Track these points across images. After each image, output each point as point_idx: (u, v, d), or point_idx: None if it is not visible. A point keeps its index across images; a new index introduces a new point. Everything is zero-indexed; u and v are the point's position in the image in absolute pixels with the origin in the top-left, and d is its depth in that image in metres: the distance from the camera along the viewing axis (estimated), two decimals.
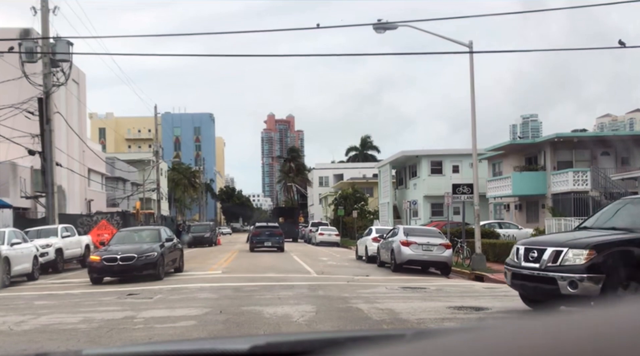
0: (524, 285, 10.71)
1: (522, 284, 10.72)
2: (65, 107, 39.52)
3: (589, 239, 10.04)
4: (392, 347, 1.01)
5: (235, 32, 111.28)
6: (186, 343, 2.19)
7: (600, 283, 9.43)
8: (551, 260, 9.98)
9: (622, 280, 9.50)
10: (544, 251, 10.21)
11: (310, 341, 1.81)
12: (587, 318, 0.90)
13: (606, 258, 9.54)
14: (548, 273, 9.95)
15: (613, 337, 0.80)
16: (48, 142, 27.16)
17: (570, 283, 9.55)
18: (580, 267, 9.56)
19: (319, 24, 18.73)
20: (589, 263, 9.52)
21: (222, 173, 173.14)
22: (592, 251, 9.62)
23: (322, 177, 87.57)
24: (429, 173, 48.19)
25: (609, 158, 37.14)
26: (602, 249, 9.66)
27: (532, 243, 11.05)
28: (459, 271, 22.46)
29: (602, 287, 9.37)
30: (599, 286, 9.40)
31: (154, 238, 20.22)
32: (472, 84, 22.57)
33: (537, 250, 10.40)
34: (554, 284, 9.76)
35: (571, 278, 9.56)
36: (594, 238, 10.12)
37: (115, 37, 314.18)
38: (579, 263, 9.60)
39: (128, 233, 21.54)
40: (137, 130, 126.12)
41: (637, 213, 10.83)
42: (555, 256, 9.95)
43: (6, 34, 27.01)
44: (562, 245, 10.06)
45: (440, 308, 11.83)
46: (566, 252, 9.84)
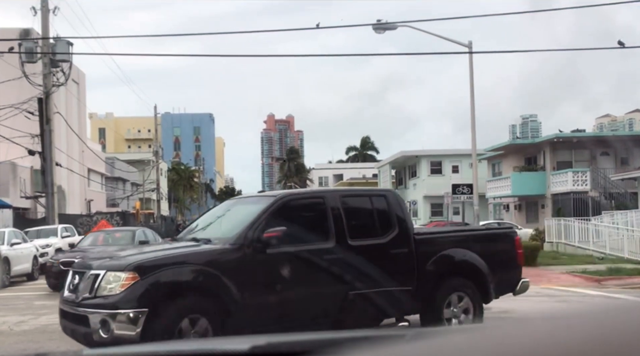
0: (67, 327, 7.36)
1: (66, 326, 7.38)
2: (65, 107, 39.51)
3: (135, 256, 7.29)
4: (392, 347, 1.03)
5: (235, 32, 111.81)
6: (186, 343, 2.19)
7: (140, 324, 6.52)
8: (88, 289, 6.95)
9: (175, 318, 6.69)
10: (84, 274, 7.18)
11: (310, 341, 1.80)
12: (587, 318, 0.90)
13: (149, 285, 6.72)
14: (79, 309, 6.93)
15: (613, 337, 0.80)
16: (48, 142, 27.16)
17: (102, 324, 6.61)
18: (115, 299, 6.65)
19: (318, 24, 18.75)
20: (125, 293, 6.63)
21: (222, 173, 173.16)
22: (133, 274, 6.71)
23: (322, 177, 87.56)
24: (428, 173, 48.18)
25: (609, 158, 37.15)
26: (147, 271, 6.79)
27: (80, 264, 8.05)
28: None
29: (142, 329, 6.49)
30: (137, 329, 6.50)
31: (127, 240, 18.40)
32: (472, 84, 22.60)
33: (79, 273, 7.36)
34: (87, 325, 6.74)
35: (102, 316, 6.63)
36: (142, 255, 7.43)
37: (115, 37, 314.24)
38: (115, 292, 6.69)
39: (100, 234, 19.94)
40: (136, 130, 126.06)
41: (232, 218, 8.34)
42: (93, 281, 6.94)
43: (6, 34, 27.03)
44: (102, 267, 7.08)
45: None
46: (104, 276, 6.86)
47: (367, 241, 8.22)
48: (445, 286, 8.57)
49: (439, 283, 8.48)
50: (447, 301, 8.56)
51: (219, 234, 7.92)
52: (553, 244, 29.09)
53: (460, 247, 8.95)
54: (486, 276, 8.84)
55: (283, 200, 7.96)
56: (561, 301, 13.65)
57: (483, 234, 10.44)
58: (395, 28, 21.23)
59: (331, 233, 7.92)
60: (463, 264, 8.82)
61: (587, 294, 14.68)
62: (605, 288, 16.50)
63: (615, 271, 19.23)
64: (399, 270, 8.30)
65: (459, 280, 8.77)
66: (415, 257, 8.40)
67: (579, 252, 26.58)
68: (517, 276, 9.46)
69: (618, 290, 15.92)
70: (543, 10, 31.80)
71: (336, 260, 7.79)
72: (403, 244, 8.39)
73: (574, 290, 15.65)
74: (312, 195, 9.42)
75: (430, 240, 8.94)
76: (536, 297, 14.38)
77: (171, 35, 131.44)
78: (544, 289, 16.13)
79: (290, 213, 7.93)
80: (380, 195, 8.88)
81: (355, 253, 7.94)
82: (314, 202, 8.43)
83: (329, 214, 8.01)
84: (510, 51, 50.62)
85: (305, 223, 8.11)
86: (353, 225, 8.13)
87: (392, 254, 8.29)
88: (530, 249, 24.03)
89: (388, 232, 8.36)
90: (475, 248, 8.98)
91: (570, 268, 20.97)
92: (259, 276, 7.39)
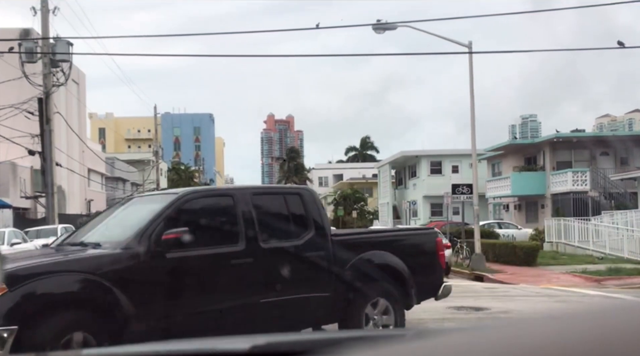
0: None
1: None
2: (65, 107, 39.52)
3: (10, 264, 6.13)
4: (392, 347, 1.01)
5: (235, 33, 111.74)
6: (186, 343, 2.19)
7: (7, 345, 5.48)
8: None
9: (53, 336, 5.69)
10: None
11: (310, 341, 1.81)
12: (587, 317, 0.90)
13: (20, 298, 5.74)
14: None
15: (613, 337, 0.80)
16: (48, 142, 27.15)
17: None
18: None
19: (318, 24, 18.75)
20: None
21: (222, 173, 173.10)
22: None
23: (322, 177, 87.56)
24: (428, 173, 48.19)
25: (608, 158, 37.15)
26: (17, 282, 5.74)
27: None
28: (459, 272, 22.49)
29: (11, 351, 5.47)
30: (1, 351, 5.45)
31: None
32: (472, 84, 22.60)
33: None
34: None
35: None
36: (15, 262, 6.23)
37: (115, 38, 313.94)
38: None
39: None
40: (136, 130, 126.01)
41: (128, 219, 7.41)
42: None
43: (6, 34, 27.05)
44: None
45: (440, 307, 11.82)
46: None
47: (281, 243, 7.61)
48: (365, 292, 7.99)
49: (358, 288, 7.90)
50: (367, 308, 7.99)
51: (110, 237, 7.04)
52: (553, 244, 29.10)
53: (381, 249, 8.37)
54: (407, 280, 8.30)
55: (185, 198, 7.20)
56: (561, 301, 13.63)
57: (404, 235, 9.78)
58: (395, 28, 21.22)
59: (241, 234, 7.21)
60: (384, 268, 8.24)
61: (587, 294, 14.67)
62: (605, 288, 16.51)
63: (615, 271, 19.25)
64: (316, 275, 7.74)
65: (380, 284, 8.17)
66: (333, 261, 7.80)
67: (579, 252, 26.59)
68: (440, 279, 8.98)
69: (618, 290, 15.92)
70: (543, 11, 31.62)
71: (246, 264, 7.14)
72: (320, 247, 7.76)
73: (573, 290, 15.65)
74: (218, 193, 8.59)
75: (349, 242, 8.37)
76: (536, 297, 14.39)
77: (171, 36, 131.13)
78: (544, 289, 16.13)
79: (194, 212, 7.21)
80: (295, 194, 8.15)
81: (267, 256, 7.32)
82: (222, 201, 7.70)
83: (238, 214, 7.31)
84: (510, 51, 50.72)
85: (212, 224, 7.42)
86: (265, 226, 7.45)
87: (308, 257, 7.68)
88: (530, 249, 24.10)
89: (303, 234, 7.72)
90: (396, 250, 8.45)
91: (570, 268, 20.98)
92: (157, 285, 6.60)
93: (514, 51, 69.60)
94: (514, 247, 24.35)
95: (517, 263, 23.14)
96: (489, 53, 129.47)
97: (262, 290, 7.18)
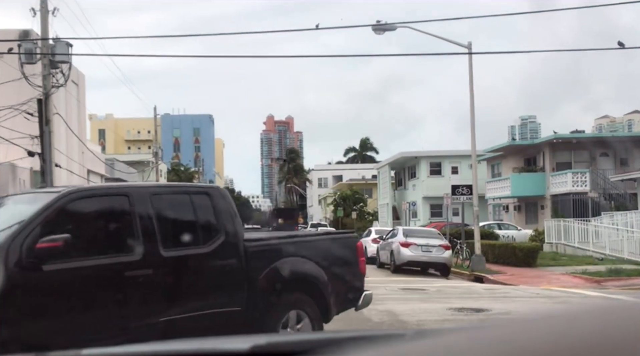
0: None
1: None
2: (65, 108, 39.50)
3: None
4: (392, 347, 1.01)
5: (234, 33, 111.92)
6: (186, 343, 2.19)
7: None
8: None
9: None
10: None
11: (310, 341, 1.81)
12: (587, 317, 0.90)
13: None
14: None
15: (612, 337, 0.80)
16: (47, 144, 27.14)
17: None
18: None
19: (318, 24, 18.74)
20: None
21: (221, 174, 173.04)
22: None
23: (321, 178, 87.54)
24: (428, 174, 48.20)
25: (608, 159, 37.15)
26: None
27: None
28: (459, 273, 22.48)
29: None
30: None
31: None
32: (471, 84, 22.61)
33: None
34: None
35: None
36: None
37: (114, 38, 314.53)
38: None
39: None
40: (136, 131, 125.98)
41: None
42: None
43: (5, 35, 27.02)
44: None
45: (440, 309, 11.83)
46: None
47: (186, 251, 6.65)
48: (282, 304, 7.16)
49: (273, 300, 7.06)
50: (283, 322, 7.14)
51: None
52: (552, 245, 29.11)
53: (298, 255, 7.50)
54: (325, 290, 7.47)
55: (68, 198, 6.10)
56: (562, 302, 13.61)
57: (322, 240, 8.53)
58: (394, 29, 21.23)
59: (137, 241, 6.24)
60: (301, 276, 7.43)
61: (588, 295, 14.66)
62: (605, 289, 16.50)
63: (615, 272, 19.24)
64: (226, 286, 6.86)
65: (297, 295, 7.35)
66: (246, 270, 6.94)
67: (579, 253, 26.59)
68: (360, 288, 8.08)
69: (618, 291, 15.91)
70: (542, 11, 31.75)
71: (143, 277, 6.18)
72: (230, 254, 6.88)
73: (574, 291, 15.64)
74: (110, 192, 7.23)
75: (264, 248, 7.41)
76: (537, 298, 14.37)
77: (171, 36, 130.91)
78: (544, 290, 16.12)
79: (79, 215, 6.27)
80: (203, 193, 7.16)
81: (169, 266, 6.45)
82: (114, 201, 6.59)
83: (134, 216, 6.31)
84: (509, 52, 50.74)
85: (101, 229, 6.50)
86: (167, 231, 6.55)
87: (216, 266, 6.81)
88: (529, 250, 24.10)
89: (212, 239, 6.79)
90: (314, 256, 7.57)
91: (570, 269, 20.98)
92: (31, 303, 5.60)
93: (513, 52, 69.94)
94: (513, 248, 24.34)
95: (517, 264, 23.14)
96: (488, 54, 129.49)
97: (162, 307, 6.26)
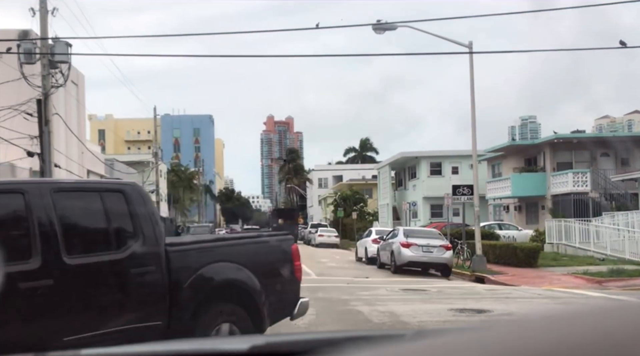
0: None
1: None
2: (65, 108, 39.50)
3: None
4: (392, 347, 1.00)
5: (234, 33, 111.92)
6: (186, 343, 2.19)
7: None
8: None
9: None
10: None
11: (310, 341, 1.81)
12: (588, 317, 0.89)
13: None
14: None
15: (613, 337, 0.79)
16: (47, 144, 27.12)
17: None
18: None
19: (318, 23, 18.73)
20: None
21: (221, 174, 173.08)
22: None
23: (321, 178, 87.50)
24: (428, 174, 48.18)
25: (609, 159, 37.12)
26: None
27: None
28: (460, 273, 22.45)
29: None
30: None
31: None
32: (472, 84, 22.58)
33: None
34: None
35: None
36: None
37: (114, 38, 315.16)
38: None
39: None
40: (136, 131, 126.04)
41: None
42: None
43: (5, 35, 27.01)
44: None
45: (441, 310, 11.79)
46: None
47: (95, 257, 5.87)
48: (209, 316, 6.38)
49: (200, 312, 6.32)
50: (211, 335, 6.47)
51: None
52: (553, 245, 29.07)
53: (228, 260, 6.75)
54: (258, 298, 6.74)
55: None
56: (564, 303, 13.54)
57: (254, 243, 7.70)
58: (395, 28, 21.20)
59: (35, 246, 5.45)
60: (232, 284, 6.70)
61: (590, 296, 14.60)
62: (607, 289, 16.44)
63: (617, 272, 19.18)
64: (144, 298, 6.06)
65: (227, 305, 6.61)
66: (168, 278, 6.15)
67: (580, 253, 26.56)
68: (296, 295, 7.35)
69: (620, 291, 15.86)
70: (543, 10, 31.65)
71: (43, 288, 5.40)
72: (149, 260, 6.07)
73: (575, 291, 15.58)
74: (3, 189, 6.03)
75: (188, 254, 6.62)
76: (538, 299, 14.32)
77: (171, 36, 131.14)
78: (546, 291, 16.07)
79: None
80: (116, 191, 6.24)
81: (75, 276, 5.65)
82: (7, 200, 5.70)
83: (31, 217, 5.51)
84: (510, 51, 50.73)
85: None
86: (72, 235, 5.77)
87: (132, 275, 6.00)
88: (531, 250, 24.06)
89: (127, 244, 6.00)
90: (245, 261, 6.83)
91: (572, 270, 20.93)
92: None
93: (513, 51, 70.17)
94: (514, 248, 24.30)
95: (518, 265, 23.09)
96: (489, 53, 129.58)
97: (66, 324, 5.46)
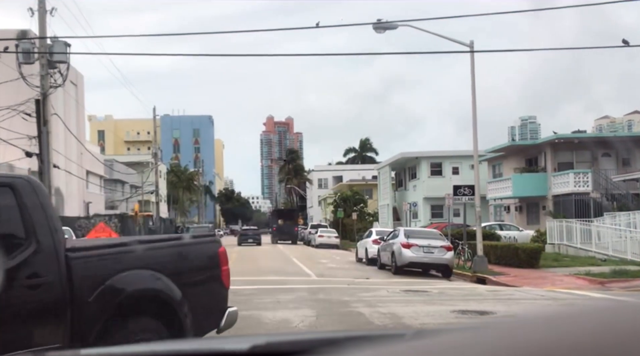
0: None
1: None
2: (64, 108, 39.49)
3: None
4: (392, 347, 0.99)
5: (234, 32, 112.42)
6: (186, 343, 2.17)
7: None
8: None
9: None
10: None
11: (310, 341, 1.83)
12: (588, 316, 0.89)
13: None
14: None
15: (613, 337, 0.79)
16: (45, 144, 27.09)
17: None
18: None
19: (318, 23, 18.65)
20: None
21: (221, 175, 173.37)
22: None
23: (321, 178, 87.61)
24: (428, 174, 48.22)
25: (610, 159, 37.11)
26: None
27: None
28: (461, 274, 22.40)
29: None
30: None
31: None
32: (473, 84, 22.53)
33: None
34: None
35: None
36: None
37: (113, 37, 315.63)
38: None
39: None
40: (136, 132, 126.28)
41: None
42: None
43: (3, 35, 26.99)
44: None
45: (443, 312, 11.71)
46: None
47: None
48: (121, 334, 5.41)
49: (110, 329, 5.40)
50: None
51: None
52: (554, 246, 29.04)
53: (143, 267, 5.85)
54: (181, 311, 5.92)
55: None
56: (567, 304, 13.42)
57: (174, 247, 6.53)
58: (395, 27, 21.16)
59: None
60: (148, 295, 5.81)
61: (592, 297, 14.52)
62: (609, 290, 16.36)
63: (619, 273, 19.11)
64: (39, 315, 5.14)
65: (143, 320, 5.72)
66: (69, 290, 5.24)
67: (581, 254, 26.52)
68: (223, 304, 6.51)
69: (623, 292, 15.78)
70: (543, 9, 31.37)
71: None
72: (45, 269, 5.18)
73: (578, 292, 15.50)
74: None
75: (94, 260, 5.64)
76: (541, 300, 14.22)
77: (171, 35, 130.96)
78: (548, 292, 15.97)
79: None
80: (4, 186, 5.29)
81: None
82: None
83: None
84: (511, 50, 50.75)
85: None
86: None
87: (23, 287, 5.09)
88: (532, 251, 24.01)
89: (17, 250, 5.13)
90: (164, 268, 5.94)
91: (573, 271, 20.86)
92: None
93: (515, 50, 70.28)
94: (516, 248, 24.25)
95: (520, 265, 23.04)
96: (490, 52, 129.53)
97: None
